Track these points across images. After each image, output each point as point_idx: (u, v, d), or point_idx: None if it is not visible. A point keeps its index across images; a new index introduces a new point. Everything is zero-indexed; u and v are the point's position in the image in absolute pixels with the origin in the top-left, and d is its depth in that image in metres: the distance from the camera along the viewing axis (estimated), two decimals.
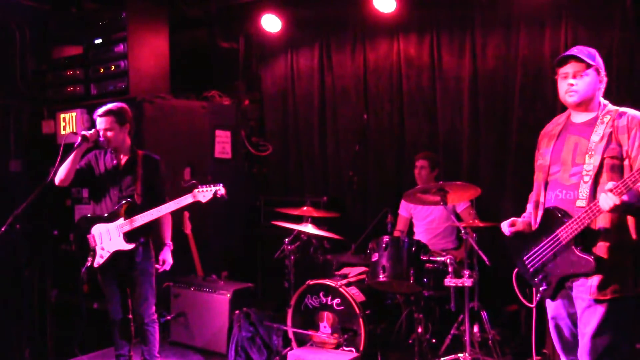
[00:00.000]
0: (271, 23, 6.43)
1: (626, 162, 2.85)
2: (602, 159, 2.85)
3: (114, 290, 4.32)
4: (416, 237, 5.39)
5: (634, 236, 2.82)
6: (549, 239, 2.95)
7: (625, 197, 2.63)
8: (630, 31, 4.93)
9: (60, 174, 4.12)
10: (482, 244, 4.54)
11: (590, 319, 2.86)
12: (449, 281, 4.29)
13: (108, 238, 4.20)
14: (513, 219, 3.26)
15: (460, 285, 4.28)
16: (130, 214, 4.17)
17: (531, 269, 3.02)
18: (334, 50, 6.54)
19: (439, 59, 5.89)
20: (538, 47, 5.34)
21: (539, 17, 5.34)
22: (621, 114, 2.92)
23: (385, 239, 4.51)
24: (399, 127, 6.18)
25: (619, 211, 2.71)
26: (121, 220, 4.17)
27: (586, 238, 2.85)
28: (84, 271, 4.20)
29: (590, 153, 2.90)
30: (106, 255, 4.19)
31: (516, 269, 3.17)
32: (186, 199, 4.07)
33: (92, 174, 4.32)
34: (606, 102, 3.04)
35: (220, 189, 4.06)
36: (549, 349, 4.60)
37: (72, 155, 4.09)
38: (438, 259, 4.45)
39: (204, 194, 4.04)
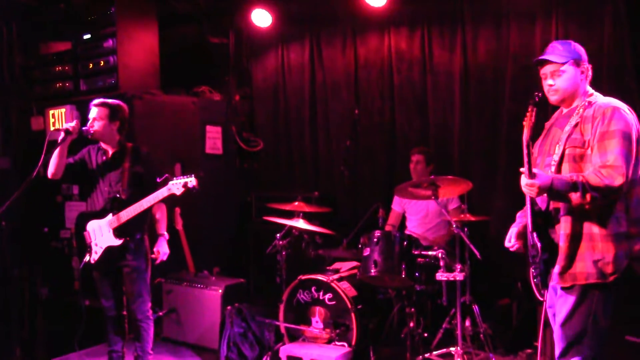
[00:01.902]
0: (261, 18, 6.40)
1: (589, 152, 2.86)
2: (564, 149, 2.88)
3: (107, 287, 4.32)
4: (409, 231, 5.39)
5: (596, 226, 2.82)
6: (527, 230, 3.01)
7: (542, 180, 2.71)
8: (621, 26, 4.93)
9: (51, 167, 4.12)
10: (474, 238, 4.55)
11: (561, 308, 2.91)
12: (441, 275, 4.29)
13: (100, 234, 4.20)
14: (510, 233, 3.21)
15: (452, 279, 4.28)
16: (117, 209, 4.16)
17: (530, 260, 3.05)
18: (324, 45, 6.53)
19: (429, 53, 5.89)
20: (529, 41, 5.34)
21: (529, 12, 5.34)
22: (591, 103, 2.93)
23: (377, 233, 4.51)
24: (389, 122, 6.18)
25: (550, 197, 2.83)
26: (110, 216, 4.18)
27: (546, 225, 2.92)
28: (82, 267, 4.21)
29: (559, 144, 2.93)
30: (99, 251, 4.19)
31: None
32: (162, 193, 4.04)
33: (85, 169, 4.31)
34: (592, 92, 3.03)
35: (191, 181, 3.97)
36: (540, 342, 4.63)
37: (58, 150, 4.07)
38: (430, 253, 4.45)
39: (177, 186, 4.00)
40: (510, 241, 3.16)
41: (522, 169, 2.79)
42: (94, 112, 4.23)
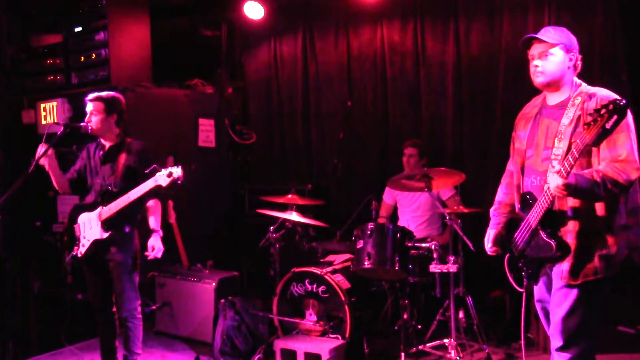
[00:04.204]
0: (254, 10, 6.38)
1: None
2: (570, 143, 2.80)
3: (94, 282, 4.25)
4: (401, 224, 5.39)
5: (602, 221, 2.80)
6: (523, 223, 2.97)
7: (571, 180, 2.62)
8: (612, 17, 4.95)
9: (55, 184, 4.21)
10: (467, 229, 4.56)
11: (562, 301, 2.88)
12: (434, 267, 4.30)
13: (89, 227, 4.13)
14: (490, 234, 3.25)
15: (446, 271, 4.29)
16: (107, 202, 4.10)
17: (516, 254, 3.04)
18: (317, 37, 6.52)
19: (422, 45, 5.89)
20: (521, 33, 5.29)
21: (522, 3, 5.34)
22: (591, 96, 2.86)
23: (370, 225, 4.51)
24: (382, 114, 6.18)
25: (571, 195, 2.72)
26: (100, 209, 4.11)
27: (555, 223, 2.86)
28: (69, 260, 4.16)
29: (560, 137, 2.86)
30: (87, 244, 4.11)
31: (507, 254, 3.15)
32: (148, 184, 3.92)
33: (86, 170, 4.29)
34: (580, 82, 2.98)
35: (177, 171, 3.83)
36: (534, 333, 4.65)
37: (48, 172, 4.13)
38: (423, 245, 4.46)
39: (163, 177, 3.87)
40: (489, 245, 3.17)
41: (554, 169, 2.68)
42: (89, 107, 4.19)
